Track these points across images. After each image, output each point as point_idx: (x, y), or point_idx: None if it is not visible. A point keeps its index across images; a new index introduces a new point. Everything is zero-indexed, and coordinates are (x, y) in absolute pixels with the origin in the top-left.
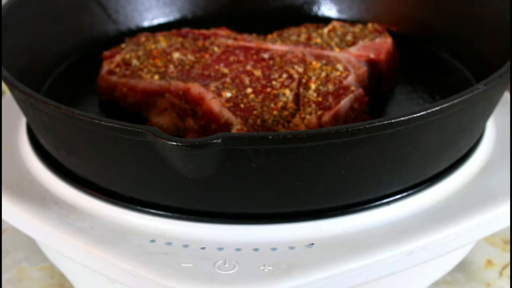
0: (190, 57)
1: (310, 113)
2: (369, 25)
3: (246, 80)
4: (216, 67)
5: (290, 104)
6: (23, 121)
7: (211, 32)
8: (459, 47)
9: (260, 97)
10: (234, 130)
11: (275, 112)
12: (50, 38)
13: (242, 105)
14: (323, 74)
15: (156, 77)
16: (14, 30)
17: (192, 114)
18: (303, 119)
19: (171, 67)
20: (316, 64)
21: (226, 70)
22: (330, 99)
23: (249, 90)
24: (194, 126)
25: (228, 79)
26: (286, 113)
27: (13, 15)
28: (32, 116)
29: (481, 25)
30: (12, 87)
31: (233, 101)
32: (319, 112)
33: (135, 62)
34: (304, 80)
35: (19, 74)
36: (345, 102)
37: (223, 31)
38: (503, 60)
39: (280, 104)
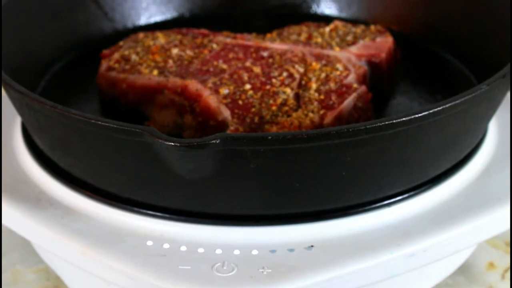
0: (189, 52)
1: (313, 111)
2: (372, 27)
3: (245, 76)
4: (215, 63)
5: (291, 101)
6: (18, 121)
7: (210, 32)
8: (460, 47)
9: (259, 93)
10: (229, 131)
11: (273, 108)
12: (46, 37)
13: (240, 102)
14: (323, 75)
15: (155, 72)
16: (9, 29)
17: (190, 110)
18: (306, 115)
19: (170, 62)
20: (316, 65)
21: (225, 66)
22: (333, 97)
23: (248, 86)
24: (192, 123)
25: (226, 75)
26: (286, 108)
27: (8, 14)
28: (27, 116)
29: (482, 25)
30: (7, 87)
31: (231, 97)
32: (322, 111)
33: (134, 57)
34: (303, 82)
35: (14, 73)
36: (348, 102)
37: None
38: (504, 60)
39: (279, 101)
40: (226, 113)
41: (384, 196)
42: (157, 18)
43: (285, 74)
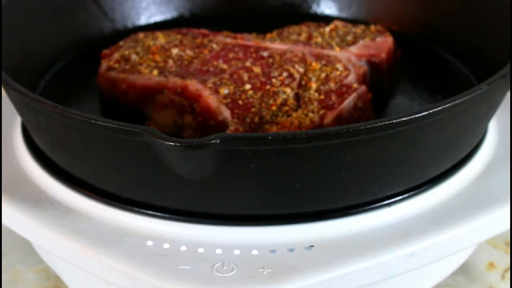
0: (189, 52)
1: (313, 111)
2: (372, 27)
3: (245, 76)
4: (215, 63)
5: (291, 101)
6: (18, 121)
7: (210, 32)
8: (460, 47)
9: (259, 93)
10: (229, 131)
11: (273, 108)
12: (46, 37)
13: (240, 102)
14: (323, 75)
15: (155, 72)
16: (9, 29)
17: (190, 110)
18: (306, 115)
19: (170, 62)
20: (316, 65)
21: (225, 66)
22: (333, 97)
23: (248, 86)
24: (192, 123)
25: (226, 75)
26: (286, 108)
27: (8, 14)
28: (27, 116)
29: (482, 25)
30: (7, 87)
31: (231, 97)
32: (322, 111)
33: (134, 57)
34: (303, 82)
35: (14, 73)
36: (348, 102)
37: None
38: (504, 60)
39: (279, 101)
40: (226, 113)
41: (384, 196)
42: (157, 18)
43: (285, 74)
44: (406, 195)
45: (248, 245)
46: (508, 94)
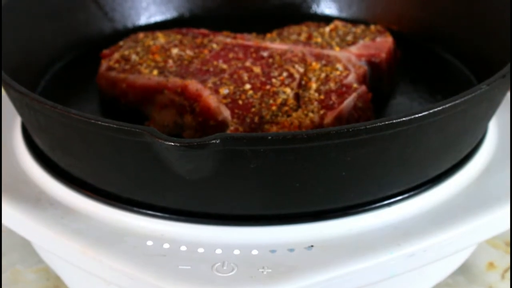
0: (189, 52)
1: (313, 111)
2: (372, 27)
3: (245, 76)
4: (215, 63)
5: (291, 101)
6: (18, 121)
7: (210, 32)
8: (460, 47)
9: (259, 93)
10: (229, 131)
11: (273, 108)
12: (46, 37)
13: (240, 102)
14: (323, 75)
15: (155, 72)
16: (9, 29)
17: (190, 110)
18: (306, 115)
19: (170, 62)
20: (316, 65)
21: (225, 66)
22: (333, 97)
23: (248, 86)
24: (192, 123)
25: (226, 75)
26: (286, 108)
27: (8, 14)
28: (27, 116)
29: (482, 25)
30: (7, 87)
31: (231, 97)
32: (322, 111)
33: (134, 57)
34: (303, 82)
35: (14, 73)
36: (348, 102)
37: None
38: (504, 60)
39: (279, 101)
40: (226, 113)
41: (384, 196)
42: (157, 18)
43: (285, 74)
44: (406, 195)
45: (248, 245)
46: (508, 94)
